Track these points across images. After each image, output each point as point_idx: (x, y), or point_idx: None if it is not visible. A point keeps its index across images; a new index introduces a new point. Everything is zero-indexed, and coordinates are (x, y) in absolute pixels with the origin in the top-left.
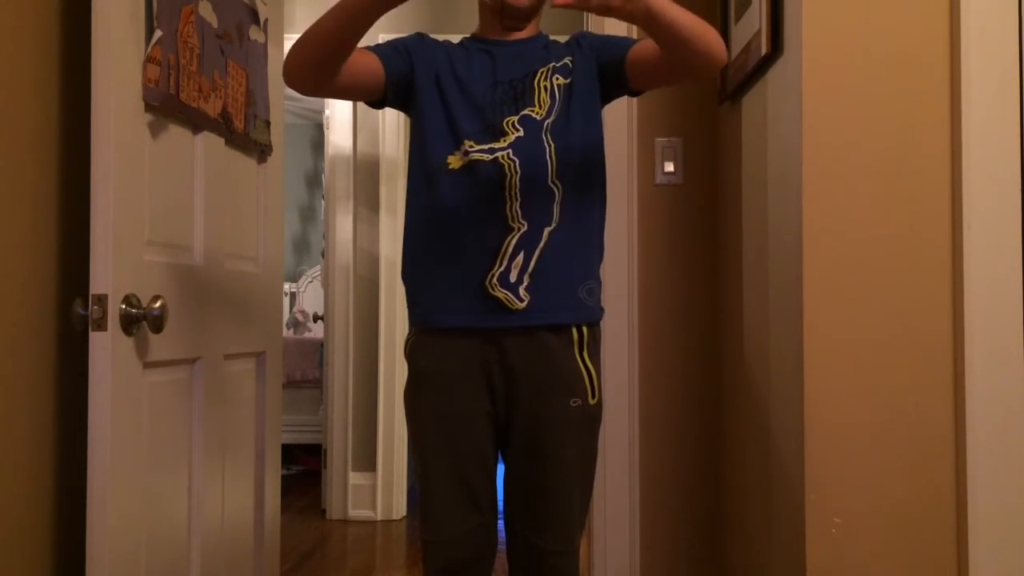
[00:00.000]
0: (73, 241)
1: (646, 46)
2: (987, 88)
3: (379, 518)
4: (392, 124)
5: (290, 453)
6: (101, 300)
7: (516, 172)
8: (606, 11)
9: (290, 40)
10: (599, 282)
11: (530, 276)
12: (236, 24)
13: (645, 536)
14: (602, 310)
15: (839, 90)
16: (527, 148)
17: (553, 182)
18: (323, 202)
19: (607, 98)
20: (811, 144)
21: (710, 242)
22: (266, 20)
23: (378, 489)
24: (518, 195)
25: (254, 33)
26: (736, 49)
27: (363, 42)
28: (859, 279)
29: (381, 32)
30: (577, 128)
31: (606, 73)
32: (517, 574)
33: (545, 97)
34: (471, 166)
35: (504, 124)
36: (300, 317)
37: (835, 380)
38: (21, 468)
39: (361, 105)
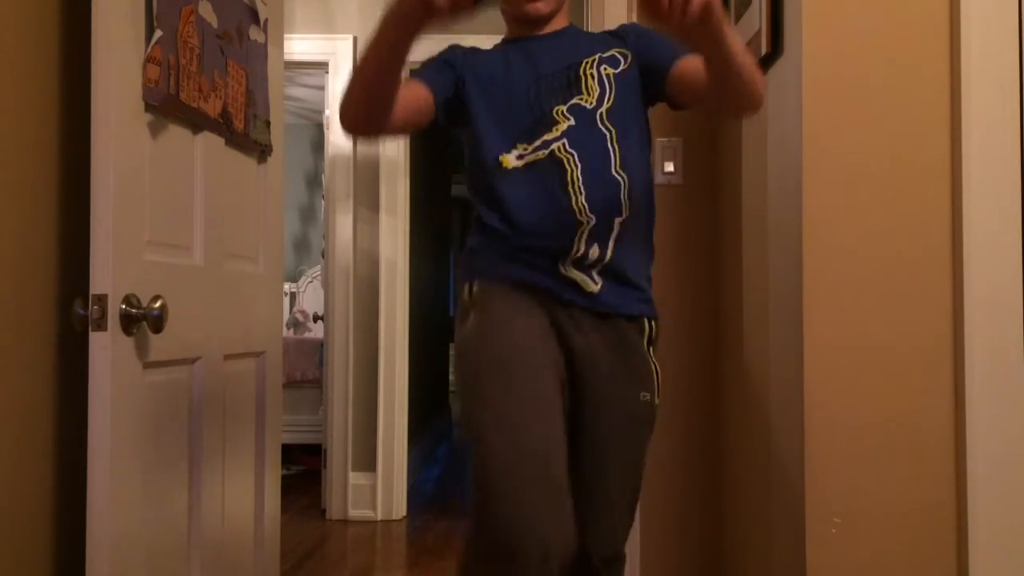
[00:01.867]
0: (73, 241)
1: (694, 63)
2: (987, 88)
3: (379, 518)
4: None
5: (290, 453)
6: (101, 300)
7: (576, 166)
8: (683, 31)
9: (290, 40)
10: (650, 278)
11: (604, 266)
12: (236, 24)
13: (645, 536)
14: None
15: (839, 90)
16: (582, 137)
17: (618, 171)
18: (323, 202)
19: (646, 99)
20: (811, 144)
21: (710, 242)
22: (266, 20)
23: (378, 489)
24: (582, 189)
25: (254, 33)
26: None
27: None
28: (859, 279)
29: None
30: (630, 119)
31: (647, 73)
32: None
33: (594, 85)
34: (529, 167)
35: (554, 113)
36: (300, 317)
37: (835, 380)
38: (21, 468)
39: None
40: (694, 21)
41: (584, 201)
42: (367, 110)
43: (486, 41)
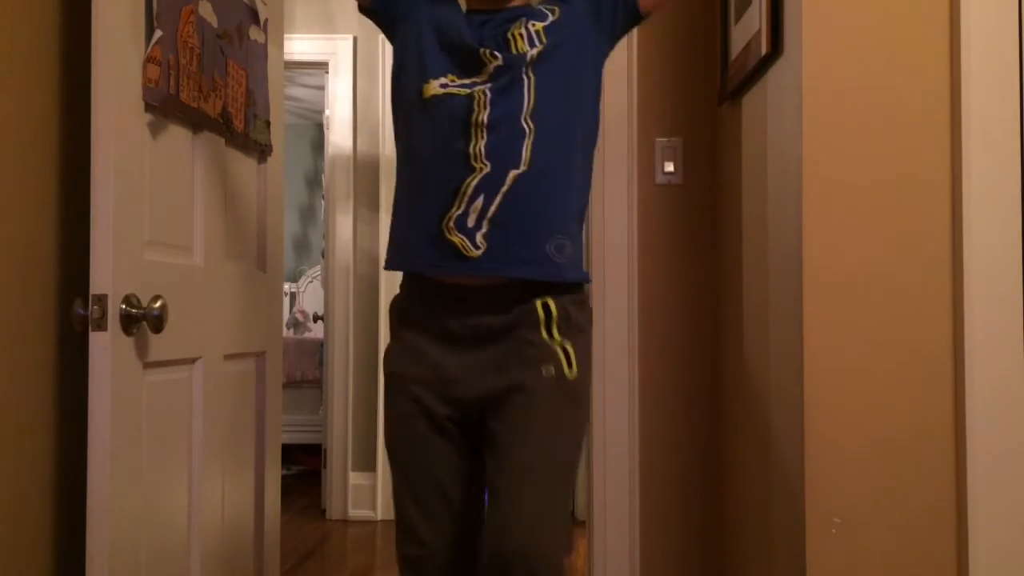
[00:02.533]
0: (73, 241)
1: None
2: (987, 88)
3: (379, 518)
4: (392, 124)
5: (290, 453)
6: (101, 300)
7: (485, 108)
8: None
9: (290, 40)
10: (574, 241)
11: (489, 222)
12: (236, 24)
13: (645, 536)
14: (581, 273)
15: (839, 90)
16: (503, 82)
17: (526, 120)
18: (323, 202)
19: (615, 37)
20: (811, 144)
21: (710, 242)
22: (266, 20)
23: (378, 489)
24: (484, 132)
25: (254, 33)
26: (736, 49)
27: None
28: (859, 279)
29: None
30: (563, 66)
31: (616, 11)
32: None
33: (523, 43)
34: (443, 100)
35: (482, 53)
36: (300, 317)
37: (835, 380)
38: (21, 468)
39: (361, 105)
40: None
41: (483, 146)
42: None
43: None
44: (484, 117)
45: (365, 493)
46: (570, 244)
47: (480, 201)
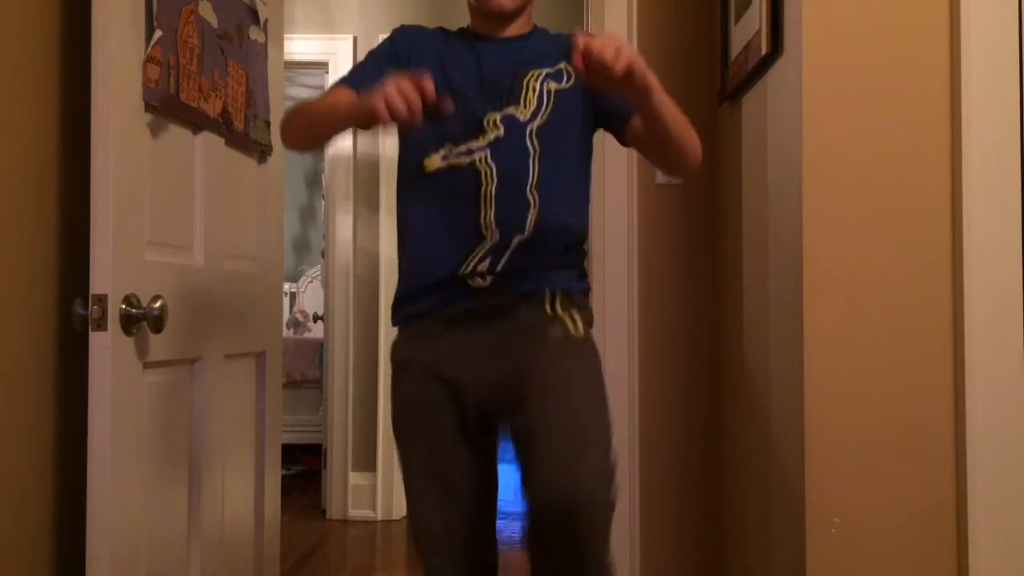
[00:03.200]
0: (73, 241)
1: (636, 130)
2: (987, 88)
3: (379, 518)
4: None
5: (290, 453)
6: (101, 300)
7: (492, 181)
8: (604, 83)
9: (290, 40)
10: (579, 265)
11: (495, 275)
12: (236, 24)
13: (645, 536)
14: (586, 291)
15: (839, 90)
16: (506, 151)
17: (531, 191)
18: (323, 202)
19: (595, 126)
20: (811, 144)
21: (710, 242)
22: (266, 20)
23: (378, 489)
24: (492, 204)
25: (254, 33)
26: (736, 49)
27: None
28: (859, 279)
29: (382, 33)
30: (565, 137)
31: (604, 115)
32: (535, 536)
33: (532, 98)
34: (448, 171)
35: (485, 121)
36: (300, 317)
37: (835, 380)
38: (21, 468)
39: None
40: (618, 83)
41: (492, 217)
42: (313, 142)
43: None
44: (492, 189)
45: (365, 493)
46: (575, 271)
47: (487, 262)
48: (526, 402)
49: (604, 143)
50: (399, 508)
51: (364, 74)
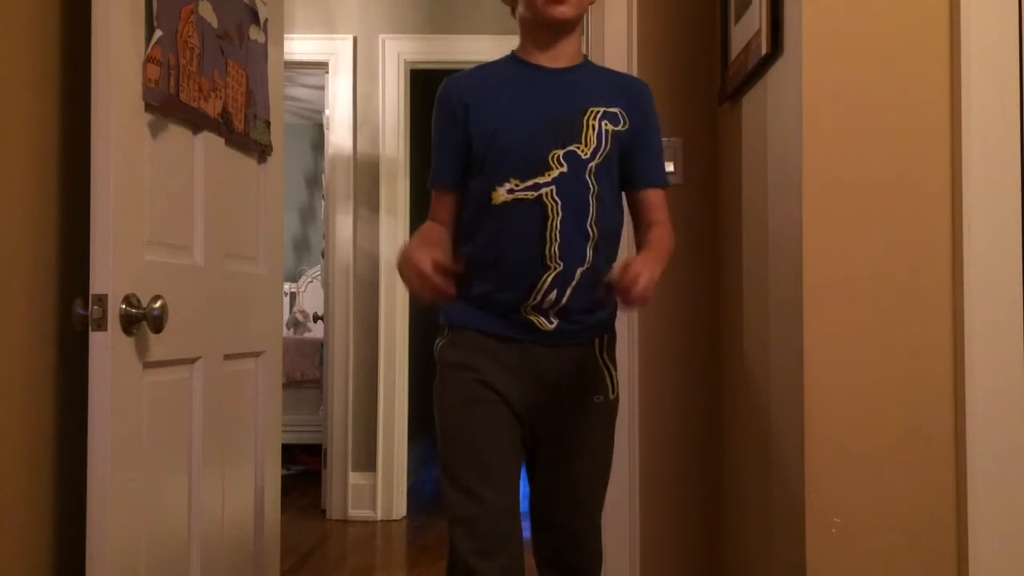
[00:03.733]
0: (73, 241)
1: (651, 202)
2: (987, 88)
3: (379, 518)
4: (392, 124)
5: (290, 453)
6: (101, 300)
7: (558, 215)
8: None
9: (290, 40)
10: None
11: (560, 309)
12: (236, 24)
13: (645, 536)
14: (615, 314)
15: (839, 90)
16: (570, 187)
17: (591, 225)
18: (323, 202)
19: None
20: (811, 144)
21: (710, 242)
22: (266, 20)
23: (378, 489)
24: (557, 236)
25: (254, 33)
26: (736, 49)
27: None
28: (859, 279)
29: (382, 33)
30: (613, 176)
31: (628, 158)
32: (547, 563)
33: (592, 136)
34: (515, 204)
35: (549, 159)
36: (300, 317)
37: (835, 380)
38: (21, 468)
39: (361, 105)
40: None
41: (556, 249)
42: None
43: (488, 42)
44: (558, 223)
45: (365, 493)
46: (612, 302)
47: (554, 294)
48: (553, 453)
49: None
50: (399, 508)
51: (443, 165)
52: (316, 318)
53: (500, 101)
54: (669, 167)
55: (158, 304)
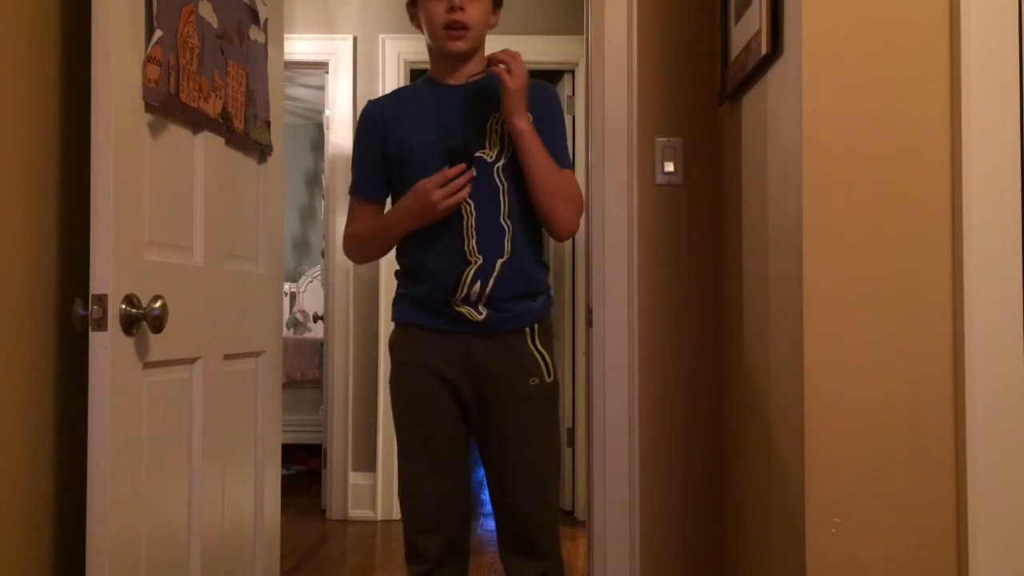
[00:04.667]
0: (73, 241)
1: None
2: (987, 88)
3: (379, 518)
4: None
5: (290, 453)
6: (101, 300)
7: (472, 214)
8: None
9: (290, 40)
10: (548, 288)
11: (486, 298)
12: (236, 24)
13: (645, 536)
14: (550, 305)
15: (839, 90)
16: (479, 189)
17: (504, 220)
18: (323, 202)
19: None
20: (811, 144)
21: (710, 242)
22: (266, 20)
23: (378, 489)
24: (474, 233)
25: (254, 33)
26: (736, 49)
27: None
28: (859, 279)
29: (382, 33)
30: (521, 173)
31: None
32: (504, 541)
33: (495, 140)
34: None
35: (458, 165)
36: (300, 317)
37: (835, 380)
38: (21, 468)
39: (361, 105)
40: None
41: (474, 244)
42: (377, 256)
43: (487, 42)
44: (472, 222)
45: (365, 493)
46: (543, 294)
47: (478, 285)
48: (497, 437)
49: (604, 144)
50: (399, 508)
51: (365, 177)
52: (316, 318)
53: (413, 116)
54: (669, 167)
55: (158, 304)
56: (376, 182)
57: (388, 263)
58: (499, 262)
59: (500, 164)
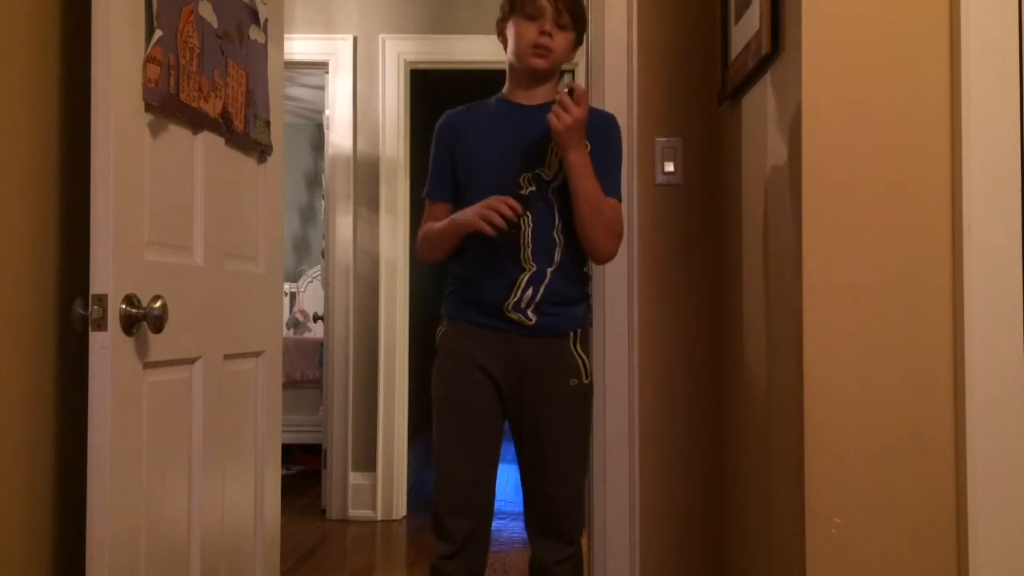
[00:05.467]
0: (73, 241)
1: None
2: (987, 88)
3: (379, 518)
4: (392, 124)
5: (290, 453)
6: (101, 300)
7: (529, 225)
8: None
9: (290, 40)
10: (588, 297)
11: (536, 304)
12: (236, 24)
13: (645, 536)
14: (590, 312)
15: (839, 90)
16: (538, 203)
17: (557, 234)
18: (323, 202)
19: None
20: (811, 143)
21: (710, 242)
22: (266, 20)
23: (378, 489)
24: (529, 243)
25: (254, 33)
26: (736, 49)
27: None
28: (859, 279)
29: (382, 33)
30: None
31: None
32: (533, 522)
33: (554, 162)
34: None
35: (520, 179)
36: (300, 317)
37: (835, 380)
38: (21, 468)
39: (361, 105)
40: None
41: (529, 253)
42: (442, 256)
43: (487, 42)
44: (529, 233)
45: (365, 493)
46: (585, 303)
47: (530, 291)
48: (535, 429)
49: None
50: (399, 508)
51: (436, 182)
52: (316, 318)
53: (480, 130)
54: (669, 167)
55: (158, 304)
56: (446, 186)
57: (388, 264)
58: (549, 270)
59: (555, 184)
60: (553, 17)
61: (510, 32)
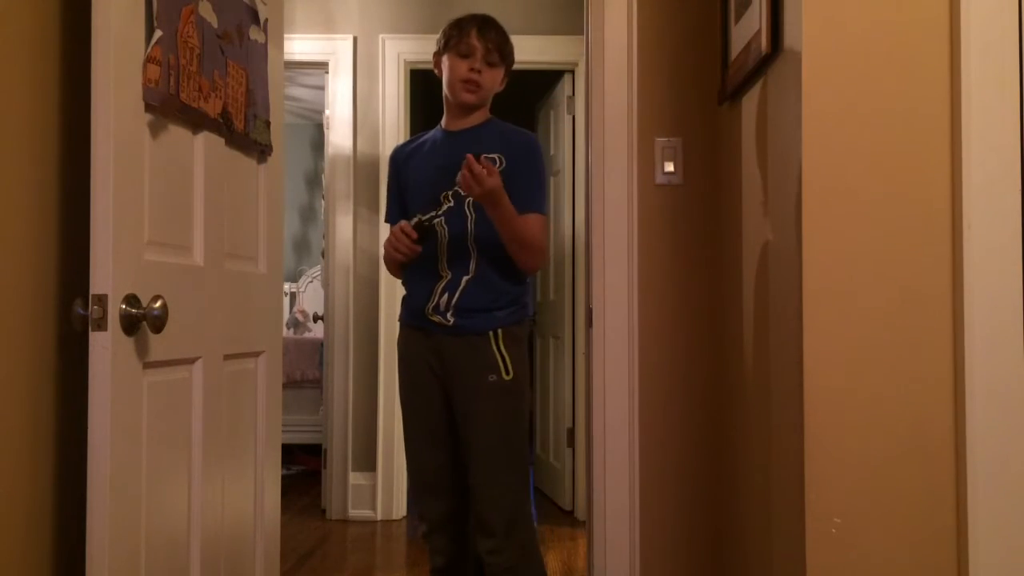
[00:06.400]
0: (73, 241)
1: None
2: (987, 88)
3: (379, 518)
4: (392, 124)
5: (290, 453)
6: (101, 300)
7: (445, 237)
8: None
9: (290, 40)
10: (517, 301)
11: (453, 308)
12: (236, 24)
13: (645, 536)
14: (524, 314)
15: (839, 90)
16: (453, 217)
17: (471, 244)
18: (323, 202)
19: None
20: (811, 143)
21: (710, 242)
22: (266, 20)
23: (378, 489)
24: (445, 251)
25: (254, 33)
26: (736, 49)
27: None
28: (859, 279)
29: (382, 33)
30: None
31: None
32: (475, 527)
33: None
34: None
35: (440, 197)
36: (300, 317)
37: (835, 380)
38: (21, 468)
39: (361, 105)
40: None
41: (445, 262)
42: (398, 276)
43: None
44: (445, 244)
45: (365, 493)
46: (512, 306)
47: (445, 297)
48: (463, 421)
49: (604, 144)
50: (399, 508)
51: (393, 208)
52: (316, 318)
53: (419, 157)
54: (669, 167)
55: (158, 304)
56: (397, 211)
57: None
58: (465, 279)
59: (470, 199)
60: (483, 55)
61: (444, 66)
